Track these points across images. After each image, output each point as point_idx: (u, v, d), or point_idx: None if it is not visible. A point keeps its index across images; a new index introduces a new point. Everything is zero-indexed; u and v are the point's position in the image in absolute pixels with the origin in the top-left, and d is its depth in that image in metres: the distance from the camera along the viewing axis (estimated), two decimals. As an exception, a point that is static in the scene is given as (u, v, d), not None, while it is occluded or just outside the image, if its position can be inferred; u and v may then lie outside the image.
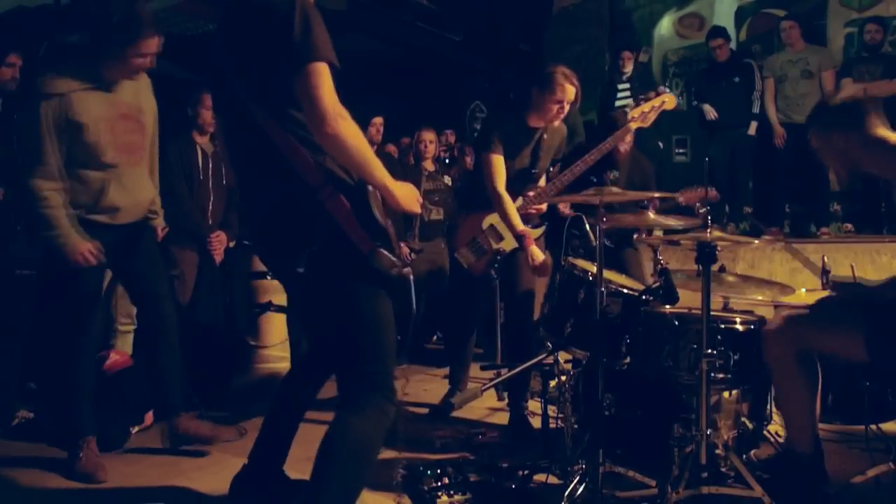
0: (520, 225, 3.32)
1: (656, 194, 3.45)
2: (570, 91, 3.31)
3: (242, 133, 2.00)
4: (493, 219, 3.51)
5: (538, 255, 3.33)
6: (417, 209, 2.04)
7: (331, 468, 1.90)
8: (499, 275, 3.53)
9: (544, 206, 3.51)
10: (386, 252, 1.87)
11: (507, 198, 3.35)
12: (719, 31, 6.40)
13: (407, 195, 1.98)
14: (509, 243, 3.49)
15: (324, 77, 1.80)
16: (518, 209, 3.41)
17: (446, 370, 4.13)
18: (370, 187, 1.90)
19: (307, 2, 1.85)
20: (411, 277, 1.98)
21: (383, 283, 1.94)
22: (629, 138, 4.13)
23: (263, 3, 1.88)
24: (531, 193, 3.49)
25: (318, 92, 1.78)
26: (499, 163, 3.37)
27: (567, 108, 3.37)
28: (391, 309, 1.99)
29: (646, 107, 3.55)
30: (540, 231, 3.55)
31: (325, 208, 1.85)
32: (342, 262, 1.90)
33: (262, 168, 1.97)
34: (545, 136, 3.49)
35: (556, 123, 3.49)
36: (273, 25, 1.82)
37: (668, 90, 3.81)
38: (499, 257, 3.48)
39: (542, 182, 3.63)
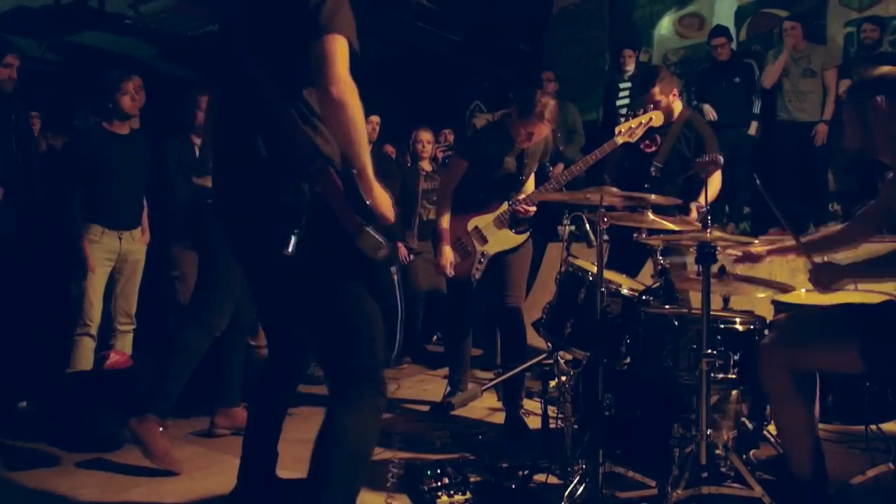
0: (444, 223, 3.57)
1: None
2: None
3: (242, 106, 1.99)
4: (478, 221, 3.60)
5: (448, 254, 3.54)
6: (390, 216, 1.96)
7: (329, 469, 1.88)
8: (486, 276, 3.63)
9: (532, 209, 3.55)
10: (373, 232, 1.82)
11: (445, 197, 3.61)
12: (722, 30, 6.40)
13: (384, 197, 1.94)
14: (493, 246, 3.59)
15: (343, 49, 1.81)
16: (503, 212, 3.55)
17: (446, 370, 4.13)
18: (354, 171, 1.88)
19: None
20: (396, 277, 1.94)
21: (368, 276, 1.92)
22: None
23: None
24: (519, 197, 3.58)
25: (334, 58, 1.79)
26: (458, 166, 3.59)
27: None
28: (375, 303, 1.97)
29: (633, 122, 3.60)
30: (524, 237, 3.63)
31: (313, 183, 1.83)
32: (327, 252, 1.88)
33: (255, 143, 1.94)
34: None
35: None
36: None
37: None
38: (482, 259, 3.58)
39: (531, 186, 3.70)
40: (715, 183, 3.81)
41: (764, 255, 2.81)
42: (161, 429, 2.93)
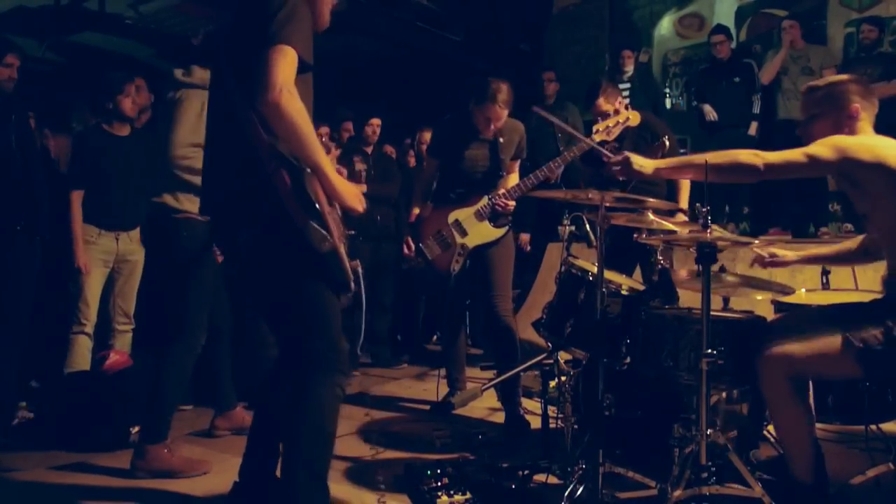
0: (414, 212, 3.89)
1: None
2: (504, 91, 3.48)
3: (220, 109, 2.16)
4: (458, 214, 3.67)
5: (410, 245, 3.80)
6: (359, 207, 2.13)
7: (298, 448, 2.05)
8: (473, 276, 3.70)
9: (512, 204, 3.63)
10: (316, 226, 1.95)
11: (419, 191, 3.94)
12: (722, 28, 6.43)
13: (348, 189, 2.09)
14: (473, 239, 3.66)
15: (288, 58, 1.91)
16: (483, 206, 3.63)
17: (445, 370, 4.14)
18: (307, 170, 1.98)
19: (300, 1, 2.01)
20: (360, 269, 2.06)
21: (321, 267, 2.03)
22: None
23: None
24: (500, 192, 3.64)
25: (275, 66, 1.89)
26: (430, 164, 3.90)
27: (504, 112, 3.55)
28: (331, 291, 2.11)
29: (611, 122, 3.64)
30: (503, 231, 3.68)
31: (272, 182, 1.96)
32: (284, 242, 2.00)
33: (228, 145, 2.11)
34: (501, 138, 3.64)
35: (509, 123, 3.65)
36: (265, 11, 1.97)
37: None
38: (461, 252, 3.64)
39: (514, 180, 3.75)
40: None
41: (792, 261, 2.88)
42: (165, 450, 2.92)
